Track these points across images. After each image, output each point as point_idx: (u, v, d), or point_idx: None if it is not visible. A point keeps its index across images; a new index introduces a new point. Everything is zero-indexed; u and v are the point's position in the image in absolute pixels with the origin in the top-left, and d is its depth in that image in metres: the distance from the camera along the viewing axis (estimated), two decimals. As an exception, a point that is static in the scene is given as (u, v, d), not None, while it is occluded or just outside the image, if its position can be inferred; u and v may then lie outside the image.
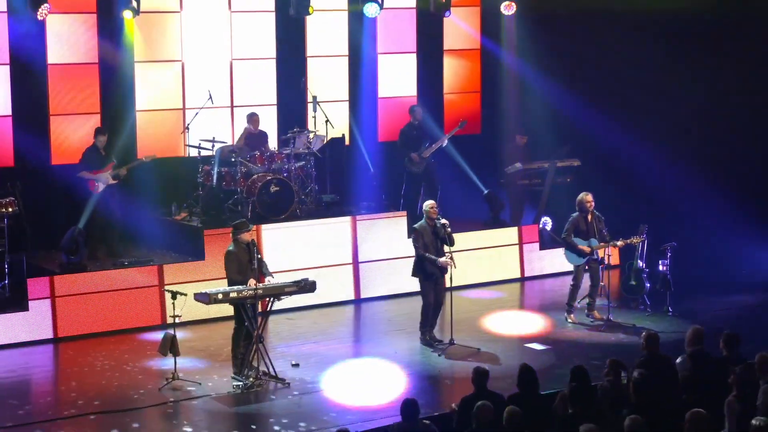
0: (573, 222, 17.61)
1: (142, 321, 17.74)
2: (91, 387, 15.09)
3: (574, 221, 17.61)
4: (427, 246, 16.42)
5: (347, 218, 19.37)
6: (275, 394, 14.71)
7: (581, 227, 17.57)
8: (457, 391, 14.57)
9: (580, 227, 17.58)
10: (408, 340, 16.98)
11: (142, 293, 17.77)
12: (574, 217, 17.64)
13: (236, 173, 18.99)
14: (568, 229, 17.63)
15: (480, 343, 16.70)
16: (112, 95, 20.01)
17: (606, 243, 17.57)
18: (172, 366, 15.10)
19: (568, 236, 17.63)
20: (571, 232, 17.60)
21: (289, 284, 15.25)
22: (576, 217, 17.62)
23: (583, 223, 17.58)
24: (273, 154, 19.25)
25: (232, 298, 14.82)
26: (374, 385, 15.11)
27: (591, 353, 16.16)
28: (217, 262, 17.81)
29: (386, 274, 19.47)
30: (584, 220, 17.59)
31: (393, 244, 19.58)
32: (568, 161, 21.61)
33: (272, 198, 18.77)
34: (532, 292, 20.35)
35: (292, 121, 20.94)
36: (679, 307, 18.16)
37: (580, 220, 17.60)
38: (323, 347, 16.75)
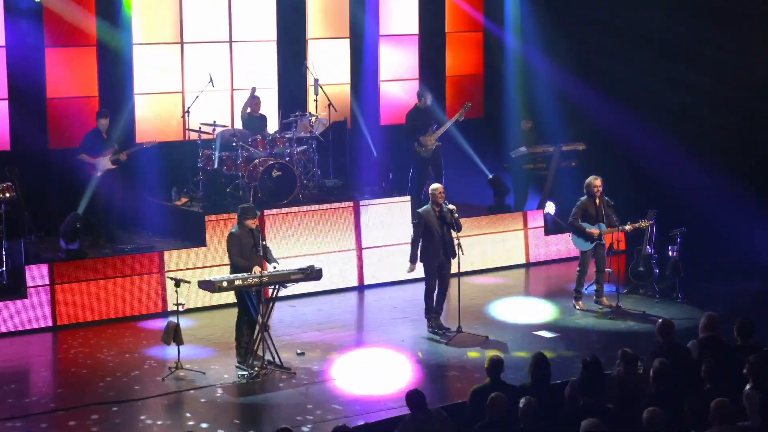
0: (580, 206, 17.29)
1: (142, 309, 17.40)
2: (92, 377, 14.77)
3: (581, 205, 17.29)
4: (430, 231, 16.08)
5: (350, 203, 19.02)
6: (281, 384, 14.38)
7: (590, 212, 17.26)
8: (467, 380, 14.37)
9: (589, 212, 17.26)
10: (414, 328, 16.69)
11: (142, 280, 17.43)
12: (581, 201, 17.32)
13: (237, 158, 18.65)
14: (576, 213, 17.30)
15: (487, 330, 16.40)
16: (111, 78, 19.66)
17: (614, 228, 17.26)
18: (176, 355, 14.81)
19: (575, 220, 17.31)
20: (579, 217, 17.28)
21: (295, 271, 14.93)
22: (584, 201, 17.30)
23: (592, 208, 17.26)
24: (275, 138, 18.92)
25: (237, 285, 14.50)
26: (382, 374, 14.81)
27: (601, 341, 15.94)
28: (220, 249, 17.53)
29: (390, 260, 19.14)
30: (593, 205, 17.27)
31: (397, 229, 19.22)
32: (573, 145, 21.28)
33: (274, 183, 18.44)
34: (538, 278, 20.06)
35: (292, 104, 20.65)
36: (688, 294, 17.84)
37: (588, 204, 17.28)
38: (328, 335, 16.44)
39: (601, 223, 17.22)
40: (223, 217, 17.88)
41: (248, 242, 14.84)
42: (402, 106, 21.80)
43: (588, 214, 17.24)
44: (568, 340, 16.00)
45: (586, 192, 17.28)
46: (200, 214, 18.16)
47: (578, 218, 17.27)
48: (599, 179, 17.25)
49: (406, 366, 15.07)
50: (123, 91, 19.74)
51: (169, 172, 19.61)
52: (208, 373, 14.72)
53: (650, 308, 17.43)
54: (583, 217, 17.26)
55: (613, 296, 17.47)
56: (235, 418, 13.34)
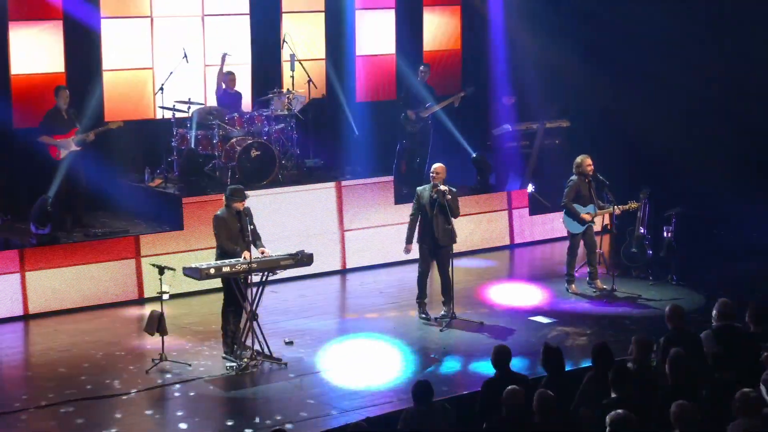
0: (573, 187, 16.64)
1: (118, 296, 16.63)
2: (68, 371, 13.93)
3: (574, 186, 16.64)
4: (423, 211, 15.40)
5: (332, 184, 18.28)
6: (272, 376, 13.68)
7: (582, 192, 16.63)
8: (466, 369, 13.75)
9: (582, 192, 16.63)
10: (404, 314, 16.02)
11: (117, 266, 16.63)
12: (573, 181, 16.67)
13: (214, 137, 17.86)
14: (569, 194, 16.65)
15: (480, 316, 15.76)
16: (78, 54, 18.75)
17: (605, 209, 16.65)
18: (159, 346, 14.07)
19: (568, 202, 16.67)
20: (572, 198, 16.65)
21: (285, 257, 14.21)
22: (576, 181, 16.65)
23: (585, 188, 16.64)
24: (252, 116, 18.14)
25: (225, 273, 13.75)
26: (376, 364, 14.12)
27: (599, 326, 15.33)
28: (197, 232, 16.92)
29: (373, 242, 18.49)
30: (585, 185, 16.65)
31: (380, 210, 18.53)
32: (558, 122, 20.68)
33: (253, 163, 17.69)
34: (524, 260, 19.46)
35: (267, 81, 19.85)
36: (682, 276, 17.28)
37: (581, 185, 16.64)
38: (315, 323, 15.74)
39: (592, 204, 16.60)
40: (202, 199, 17.13)
41: (235, 226, 14.10)
42: (379, 82, 21.08)
43: (581, 194, 16.61)
44: (566, 326, 15.37)
45: (577, 172, 16.63)
46: (177, 196, 17.36)
47: (571, 200, 16.63)
48: (589, 158, 16.61)
49: (401, 355, 14.38)
50: (91, 68, 18.81)
51: (141, 153, 18.79)
52: (194, 364, 13.96)
53: (645, 291, 16.88)
54: (575, 198, 16.62)
55: (607, 279, 16.88)
56: (227, 414, 12.61)
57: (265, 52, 20.29)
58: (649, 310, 15.97)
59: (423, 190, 15.47)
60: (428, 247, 15.46)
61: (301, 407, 12.67)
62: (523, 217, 19.91)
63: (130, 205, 18.09)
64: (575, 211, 16.54)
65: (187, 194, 17.29)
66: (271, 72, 20.22)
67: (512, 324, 15.48)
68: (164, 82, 18.21)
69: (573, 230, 16.79)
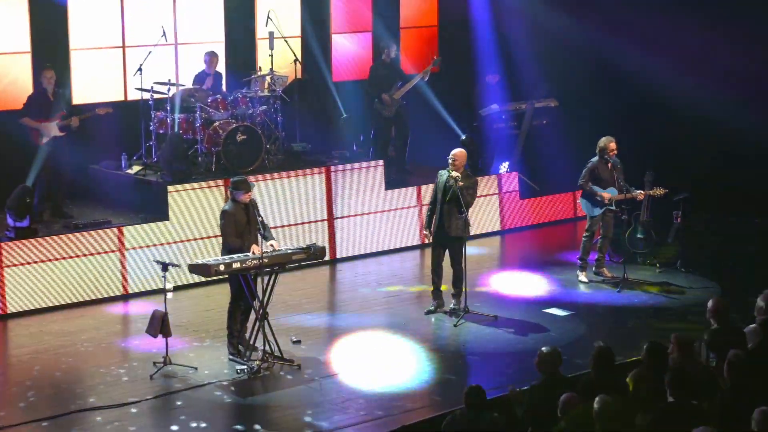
0: (591, 168, 15.92)
1: (102, 291, 15.56)
2: (64, 377, 12.88)
3: (592, 168, 15.92)
4: (435, 198, 14.56)
5: (321, 169, 17.31)
6: (289, 379, 12.72)
7: (601, 175, 15.89)
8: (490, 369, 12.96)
9: (601, 175, 15.88)
10: (411, 308, 15.16)
11: (100, 260, 15.53)
12: (592, 162, 15.95)
13: (196, 120, 16.80)
14: (585, 176, 15.94)
15: (491, 308, 14.94)
16: (45, 31, 17.53)
17: (624, 195, 15.89)
18: (154, 347, 13.20)
19: (585, 183, 15.94)
20: (589, 179, 15.90)
21: (297, 251, 13.28)
22: (595, 162, 15.93)
23: (605, 171, 15.91)
24: (237, 98, 17.10)
25: (236, 269, 12.78)
26: (397, 364, 13.20)
27: (622, 318, 14.61)
28: (184, 222, 15.85)
29: (364, 230, 17.58)
30: (605, 168, 15.89)
31: (370, 196, 17.64)
32: (546, 102, 19.84)
33: (239, 148, 16.71)
34: (517, 246, 18.65)
35: (241, 60, 18.80)
36: (691, 262, 16.62)
37: (600, 167, 15.91)
38: (318, 319, 14.85)
39: (612, 187, 15.85)
40: (188, 187, 16.11)
41: (242, 219, 13.13)
42: (355, 62, 20.13)
43: (599, 177, 15.86)
44: (585, 319, 14.64)
45: (599, 154, 15.89)
46: (161, 184, 16.27)
47: (588, 181, 15.88)
48: (614, 141, 15.83)
49: (421, 354, 13.51)
50: (58, 46, 17.61)
51: (115, 138, 17.52)
52: (200, 367, 12.96)
53: (656, 279, 16.16)
54: (593, 181, 15.86)
55: (616, 267, 16.21)
56: (247, 423, 11.61)
57: (240, 31, 19.17)
58: (666, 299, 15.28)
59: (441, 174, 14.59)
60: (437, 236, 14.61)
61: (328, 410, 11.83)
62: (513, 202, 19.08)
63: (107, 194, 17.02)
64: (592, 191, 15.80)
65: (171, 182, 16.18)
66: (246, 51, 19.11)
67: (528, 317, 14.72)
68: (143, 62, 17.08)
69: (590, 213, 16.07)
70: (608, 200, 15.78)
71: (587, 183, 15.87)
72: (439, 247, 14.73)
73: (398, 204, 17.90)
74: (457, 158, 14.53)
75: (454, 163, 14.49)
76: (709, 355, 11.23)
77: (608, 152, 15.76)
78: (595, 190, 15.79)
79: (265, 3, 19.26)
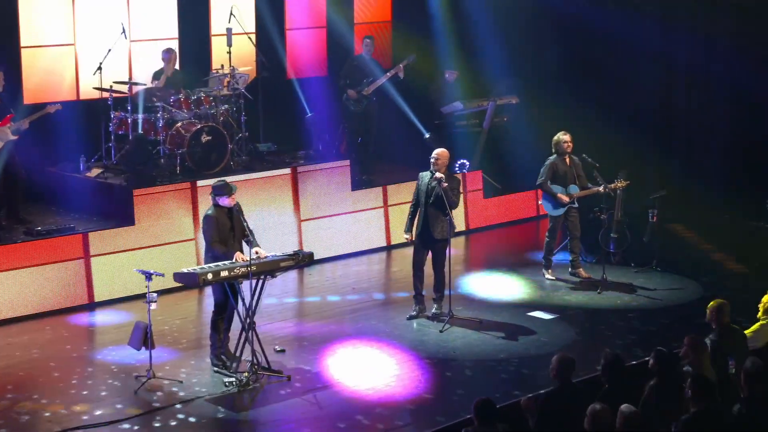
0: (550, 166, 15.64)
1: (67, 301, 14.89)
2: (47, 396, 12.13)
3: (551, 165, 15.65)
4: (418, 200, 14.13)
5: (288, 170, 16.78)
6: (281, 393, 12.18)
7: (559, 172, 15.60)
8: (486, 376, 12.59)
9: (558, 172, 15.59)
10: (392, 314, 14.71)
11: (65, 268, 14.86)
12: (550, 160, 15.69)
13: (158, 120, 16.17)
14: (545, 174, 15.65)
15: (472, 312, 14.58)
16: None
17: (588, 189, 15.62)
18: (140, 360, 12.63)
19: (544, 183, 15.65)
20: (549, 178, 15.58)
21: (284, 258, 12.77)
22: (553, 160, 15.68)
23: (563, 167, 15.61)
24: (200, 97, 16.51)
25: (224, 277, 12.22)
26: (391, 374, 12.72)
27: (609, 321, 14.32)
28: (150, 227, 15.25)
29: (331, 232, 17.09)
30: (563, 163, 15.60)
31: (337, 197, 17.17)
32: (507, 98, 19.47)
33: (204, 149, 16.14)
34: (483, 247, 18.29)
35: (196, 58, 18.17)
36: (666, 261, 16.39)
37: (558, 164, 15.64)
38: (297, 326, 14.35)
39: (573, 184, 15.56)
40: (154, 190, 15.50)
41: (226, 224, 12.61)
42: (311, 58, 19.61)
43: (557, 174, 15.57)
44: (572, 322, 14.33)
45: (555, 150, 15.66)
46: (126, 188, 15.62)
47: (548, 180, 15.56)
48: (568, 134, 15.61)
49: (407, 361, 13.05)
50: (6, 44, 16.83)
51: (71, 139, 16.81)
52: (186, 380, 12.39)
53: (634, 279, 15.90)
54: (553, 178, 15.54)
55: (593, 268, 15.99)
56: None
57: (192, 27, 18.52)
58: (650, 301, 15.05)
59: (423, 176, 14.18)
60: (421, 239, 14.18)
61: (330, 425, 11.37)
62: (477, 201, 18.72)
63: (66, 198, 16.32)
64: (551, 191, 15.51)
65: (136, 185, 15.53)
66: (201, 48, 18.49)
67: (513, 321, 14.34)
68: (102, 61, 16.42)
69: (551, 212, 15.79)
70: (568, 201, 15.48)
71: (546, 182, 15.57)
72: (423, 251, 14.33)
73: (364, 205, 17.43)
74: (440, 158, 14.13)
75: (437, 162, 14.10)
76: (728, 360, 10.94)
77: (563, 146, 15.45)
78: (554, 191, 15.48)
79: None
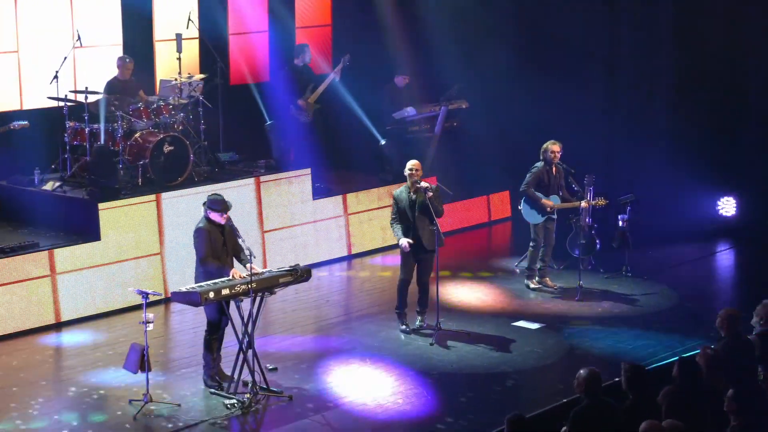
0: (536, 174, 15.41)
1: (33, 322, 14.17)
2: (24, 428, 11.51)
3: (537, 173, 15.41)
4: (402, 215, 13.78)
5: (251, 180, 16.28)
6: (287, 414, 11.73)
7: (544, 180, 15.39)
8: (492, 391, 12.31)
9: (543, 180, 15.38)
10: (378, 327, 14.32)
11: (31, 287, 14.18)
12: (537, 168, 15.44)
13: (117, 130, 15.54)
14: (530, 181, 15.41)
15: (455, 323, 14.27)
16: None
17: (571, 202, 15.48)
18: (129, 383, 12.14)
19: (528, 189, 15.41)
20: (533, 186, 15.37)
21: (283, 273, 12.31)
22: (540, 168, 15.43)
23: (546, 177, 15.40)
24: (159, 106, 15.93)
25: (225, 295, 11.74)
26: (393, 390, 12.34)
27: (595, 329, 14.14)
28: (117, 242, 14.66)
29: (294, 242, 16.65)
30: (548, 173, 15.40)
31: (299, 207, 16.75)
32: (458, 103, 19.19)
33: (167, 160, 15.55)
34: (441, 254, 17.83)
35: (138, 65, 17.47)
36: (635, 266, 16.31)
37: (543, 173, 15.41)
38: (281, 343, 13.86)
39: (554, 195, 15.39)
40: (119, 204, 14.89)
41: (218, 240, 12.13)
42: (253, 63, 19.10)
43: (542, 183, 15.37)
44: (560, 331, 14.11)
45: (543, 158, 15.40)
46: (89, 202, 14.95)
47: (532, 187, 15.35)
48: (558, 144, 15.36)
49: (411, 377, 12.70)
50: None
51: (22, 151, 16.04)
52: (183, 403, 11.86)
53: (607, 285, 15.79)
54: (536, 186, 15.35)
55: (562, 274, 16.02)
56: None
57: (136, 32, 17.87)
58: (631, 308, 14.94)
59: (400, 193, 13.88)
60: (413, 253, 13.83)
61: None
62: (433, 208, 18.38)
63: (21, 213, 15.57)
64: (536, 197, 15.29)
65: (101, 199, 14.89)
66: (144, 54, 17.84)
67: (501, 332, 14.10)
68: (59, 69, 15.71)
69: (532, 220, 15.55)
70: (550, 208, 15.32)
71: (530, 188, 15.36)
72: (413, 263, 13.98)
73: (325, 214, 17.04)
74: (417, 168, 13.85)
75: (417, 174, 13.81)
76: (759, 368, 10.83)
77: (551, 155, 15.26)
78: (538, 197, 15.30)
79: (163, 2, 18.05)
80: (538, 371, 12.80)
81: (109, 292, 14.68)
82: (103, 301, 14.50)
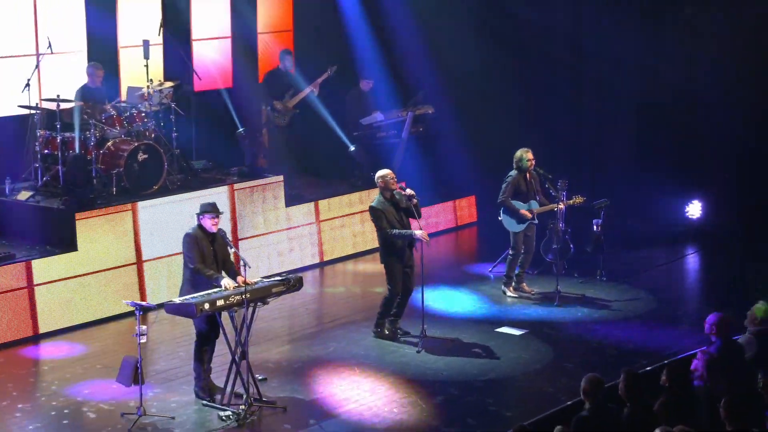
0: (512, 182, 15.41)
1: (11, 334, 13.93)
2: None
3: (513, 181, 15.41)
4: (392, 224, 13.73)
5: (225, 188, 16.13)
6: (284, 425, 11.62)
7: (521, 188, 15.41)
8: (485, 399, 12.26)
9: (520, 188, 15.41)
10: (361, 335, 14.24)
11: (8, 299, 13.91)
12: (512, 176, 15.45)
13: (90, 139, 15.32)
14: (507, 190, 15.40)
15: (438, 330, 14.26)
16: None
17: (549, 205, 15.53)
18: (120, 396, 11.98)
19: (506, 199, 15.40)
20: (510, 194, 15.38)
21: (276, 283, 12.21)
22: (515, 176, 15.44)
23: (523, 184, 15.43)
24: (132, 114, 15.72)
25: (220, 306, 11.61)
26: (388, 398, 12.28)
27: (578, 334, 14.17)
28: (94, 252, 14.46)
29: (268, 250, 16.55)
30: (524, 180, 15.43)
31: (272, 214, 16.63)
32: (424, 108, 19.14)
33: (141, 168, 15.38)
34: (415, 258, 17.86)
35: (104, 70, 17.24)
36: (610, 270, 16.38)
37: (519, 180, 15.44)
38: (267, 353, 13.68)
39: (533, 200, 15.42)
40: (96, 213, 14.65)
41: (207, 248, 12.02)
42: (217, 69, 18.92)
43: (519, 190, 15.38)
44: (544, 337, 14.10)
45: (517, 166, 15.42)
46: (65, 212, 14.71)
47: (509, 196, 15.37)
48: (530, 151, 15.39)
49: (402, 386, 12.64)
50: None
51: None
52: (177, 416, 11.71)
53: (583, 290, 15.83)
54: (514, 194, 15.36)
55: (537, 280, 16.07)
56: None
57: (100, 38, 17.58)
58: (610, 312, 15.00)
59: (381, 204, 13.81)
60: (403, 261, 13.82)
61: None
62: (403, 213, 18.33)
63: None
64: (514, 207, 15.31)
65: (77, 209, 14.65)
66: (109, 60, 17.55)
67: (485, 339, 14.06)
68: (30, 77, 15.45)
69: (512, 229, 15.55)
70: (530, 217, 15.36)
71: (508, 199, 15.38)
72: (401, 274, 13.95)
73: (297, 221, 16.94)
74: (394, 176, 13.85)
75: (394, 179, 13.81)
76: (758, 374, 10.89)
77: (527, 163, 15.29)
78: (516, 207, 15.33)
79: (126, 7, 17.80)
80: (527, 378, 12.78)
81: (87, 303, 14.47)
82: (81, 312, 14.30)
